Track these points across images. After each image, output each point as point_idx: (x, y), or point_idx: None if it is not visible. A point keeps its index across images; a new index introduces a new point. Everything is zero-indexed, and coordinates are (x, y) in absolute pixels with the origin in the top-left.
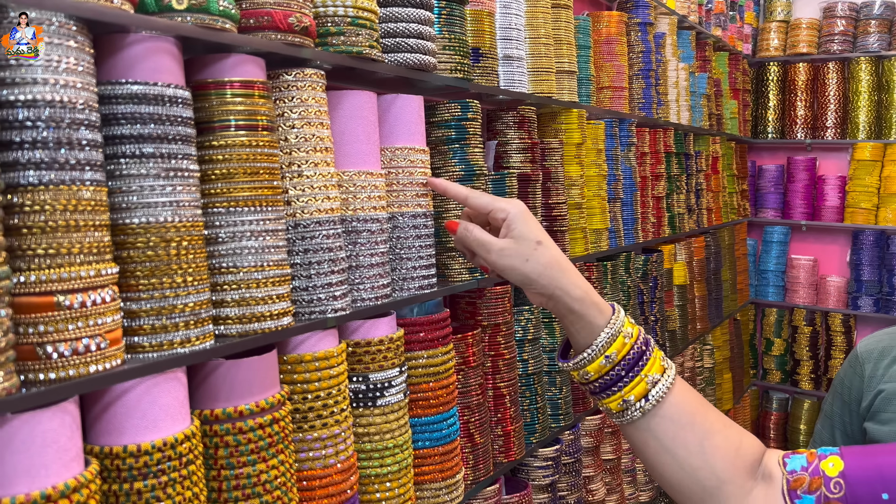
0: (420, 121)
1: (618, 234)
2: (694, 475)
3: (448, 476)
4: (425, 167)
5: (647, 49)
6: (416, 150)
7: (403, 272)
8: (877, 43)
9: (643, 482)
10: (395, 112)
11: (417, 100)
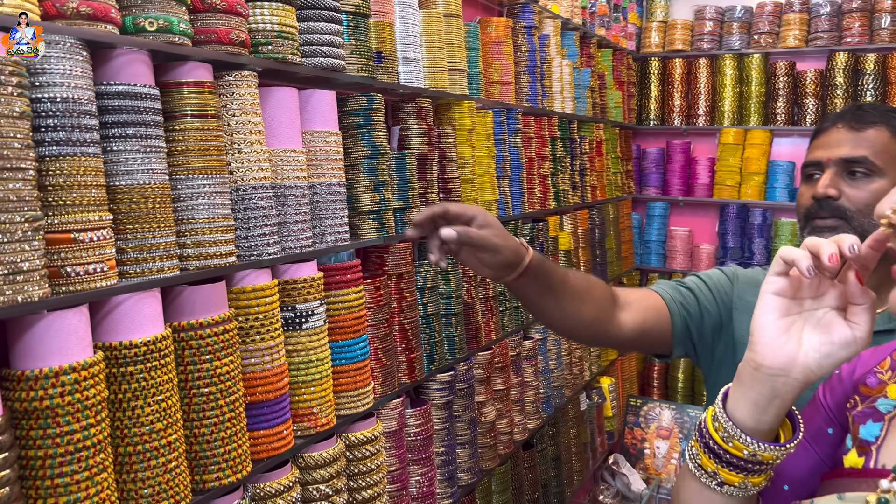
0: (333, 110)
1: (507, 206)
2: None
3: (360, 387)
4: (338, 147)
5: (532, 49)
6: (331, 133)
7: (322, 228)
8: (738, 42)
9: (531, 412)
10: (313, 103)
11: (330, 94)
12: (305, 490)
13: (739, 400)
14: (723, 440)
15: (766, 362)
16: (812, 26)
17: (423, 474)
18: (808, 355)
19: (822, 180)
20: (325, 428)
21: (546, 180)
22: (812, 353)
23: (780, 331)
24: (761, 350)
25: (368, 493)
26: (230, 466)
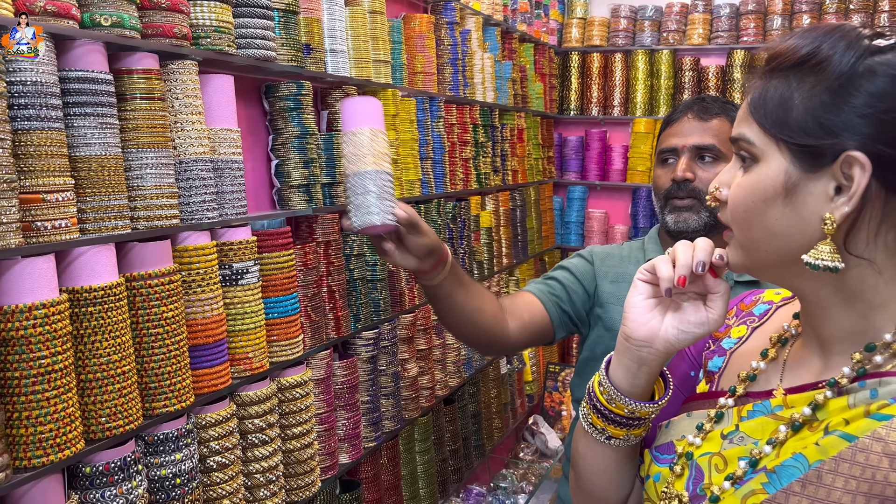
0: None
1: (430, 185)
2: None
3: (291, 338)
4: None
5: (454, 43)
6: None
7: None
8: (649, 39)
9: (453, 371)
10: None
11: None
12: (242, 424)
13: (616, 367)
14: (607, 402)
15: (633, 335)
16: (714, 26)
17: (349, 419)
18: (667, 331)
19: (679, 164)
20: (258, 371)
21: (468, 163)
22: (671, 330)
23: (646, 310)
24: (630, 325)
25: (299, 430)
26: (175, 396)
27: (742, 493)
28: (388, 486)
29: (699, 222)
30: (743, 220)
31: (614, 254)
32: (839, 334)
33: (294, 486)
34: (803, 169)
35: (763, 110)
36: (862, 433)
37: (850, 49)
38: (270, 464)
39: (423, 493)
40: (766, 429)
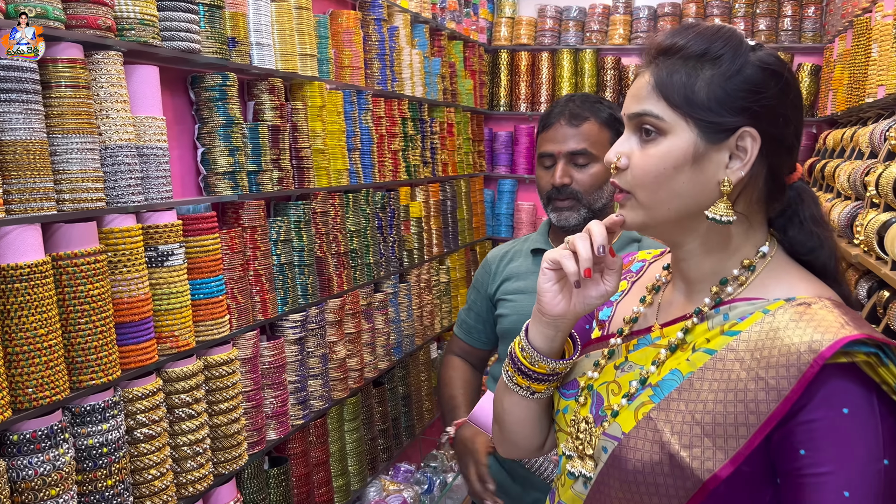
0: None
1: (358, 175)
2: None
3: (217, 318)
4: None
5: (382, 39)
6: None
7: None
8: (573, 38)
9: (382, 354)
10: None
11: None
12: (170, 398)
13: (535, 335)
14: (531, 364)
15: (547, 312)
16: (633, 27)
17: (276, 397)
18: (575, 306)
19: (557, 171)
20: (184, 348)
21: (397, 155)
22: (578, 305)
23: (556, 293)
24: (544, 305)
25: (225, 406)
26: (102, 370)
27: (635, 406)
28: (316, 462)
29: (579, 219)
30: (652, 183)
31: (508, 252)
32: (702, 276)
33: (221, 459)
34: (708, 141)
35: (670, 90)
36: (719, 347)
37: (739, 48)
38: (197, 437)
39: (353, 469)
40: (649, 356)
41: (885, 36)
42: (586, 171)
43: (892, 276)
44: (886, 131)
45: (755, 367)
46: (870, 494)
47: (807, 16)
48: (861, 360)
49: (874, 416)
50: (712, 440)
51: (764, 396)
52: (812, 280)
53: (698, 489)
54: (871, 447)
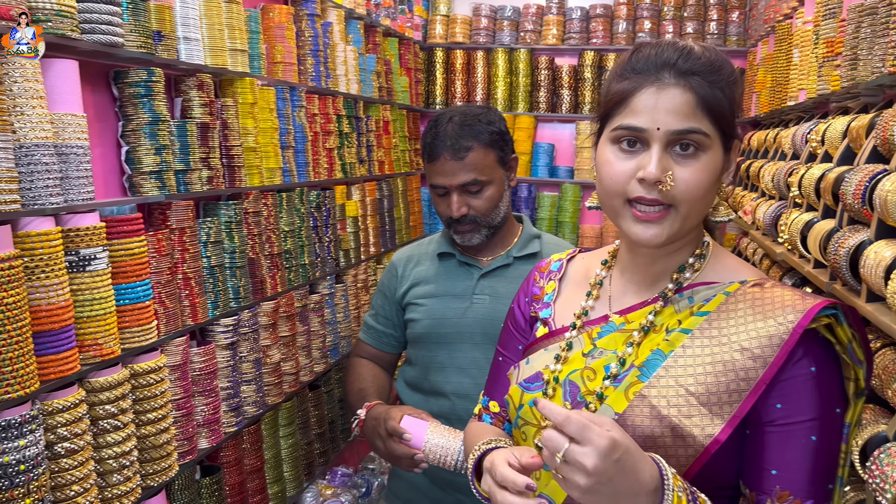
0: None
1: (291, 173)
2: None
3: (144, 324)
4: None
5: (315, 34)
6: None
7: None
8: (508, 38)
9: (318, 357)
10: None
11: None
12: (93, 409)
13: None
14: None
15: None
16: (567, 27)
17: (208, 404)
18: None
19: (453, 204)
20: (109, 356)
21: (332, 153)
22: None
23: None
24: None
25: (153, 416)
26: (18, 382)
27: (623, 388)
28: (250, 469)
29: (482, 237)
30: (697, 196)
31: (413, 255)
32: (660, 269)
33: (150, 471)
34: (725, 153)
35: (714, 108)
36: (693, 326)
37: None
38: (124, 449)
39: (288, 475)
40: (618, 340)
41: (805, 41)
42: (481, 197)
43: (814, 273)
44: (808, 134)
45: (737, 341)
46: (830, 438)
47: (731, 20)
48: (823, 324)
49: (832, 372)
50: (708, 408)
51: (752, 364)
52: (744, 263)
53: (701, 453)
54: (830, 398)
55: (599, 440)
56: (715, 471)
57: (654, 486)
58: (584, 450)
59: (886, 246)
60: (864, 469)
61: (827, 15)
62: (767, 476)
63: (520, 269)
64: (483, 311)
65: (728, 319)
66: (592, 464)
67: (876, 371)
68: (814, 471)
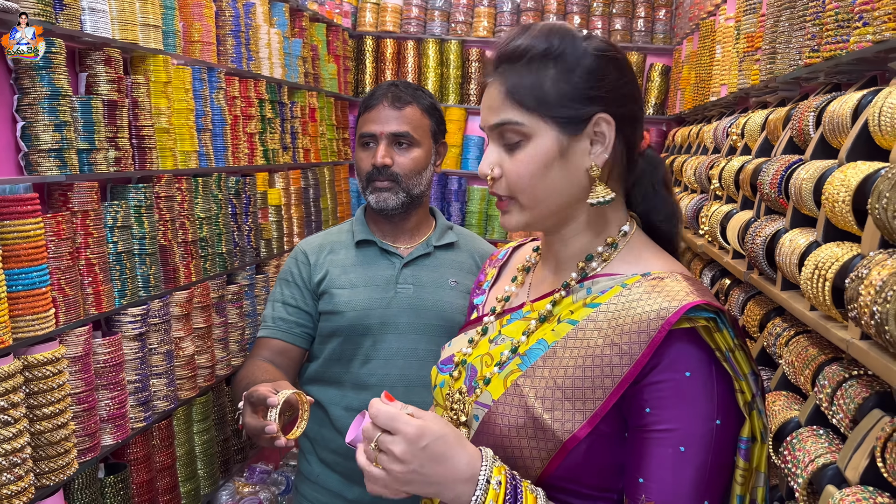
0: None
1: (208, 158)
2: None
3: (39, 312)
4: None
5: (236, 14)
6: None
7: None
8: (439, 28)
9: (236, 350)
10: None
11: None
12: None
13: None
14: None
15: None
16: (498, 20)
17: (113, 398)
18: None
19: (378, 151)
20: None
21: (253, 139)
22: None
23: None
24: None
25: (50, 410)
26: None
27: (504, 374)
28: (161, 467)
29: (397, 202)
30: (528, 186)
31: (325, 244)
32: (572, 255)
33: (45, 470)
34: (568, 134)
35: (523, 96)
36: (581, 318)
37: (574, 41)
38: (15, 446)
39: (203, 473)
40: (520, 328)
41: (727, 38)
42: (407, 155)
43: (733, 264)
44: (728, 128)
45: (611, 335)
46: (702, 451)
47: (658, 18)
48: (701, 326)
49: (711, 380)
50: (572, 403)
51: (618, 361)
52: (667, 258)
53: (559, 449)
54: (706, 408)
55: (406, 427)
56: (578, 467)
57: (471, 474)
58: (393, 438)
59: (801, 234)
60: (777, 455)
61: (748, 10)
62: (636, 483)
63: (440, 259)
64: (407, 300)
65: (609, 311)
66: (400, 450)
67: (789, 358)
68: (681, 484)
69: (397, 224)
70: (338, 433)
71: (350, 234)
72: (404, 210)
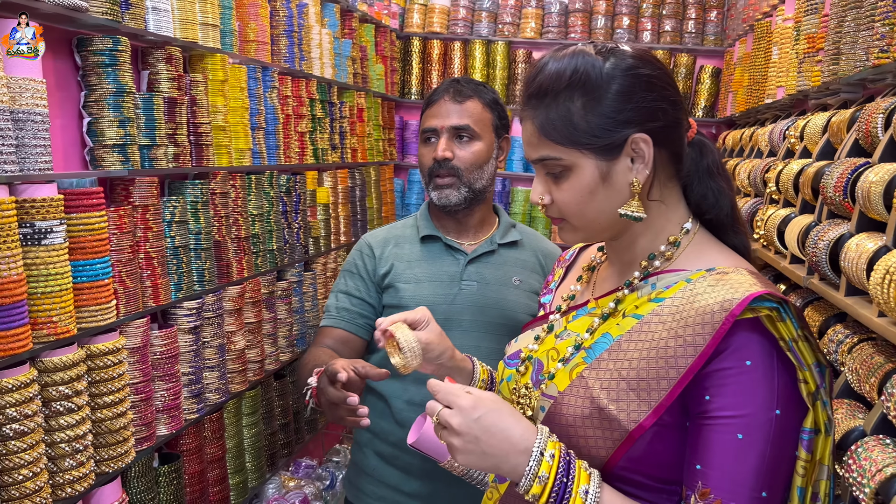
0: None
1: (261, 155)
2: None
3: (102, 303)
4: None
5: (290, 15)
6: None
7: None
8: (486, 29)
9: (284, 345)
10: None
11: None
12: (46, 390)
13: None
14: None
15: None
16: (545, 21)
17: (168, 389)
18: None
19: (439, 144)
20: (64, 336)
21: (304, 137)
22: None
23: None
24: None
25: (110, 399)
26: None
27: (570, 367)
28: (211, 458)
29: (459, 197)
30: (577, 211)
31: (390, 238)
32: (637, 254)
33: (105, 457)
34: (607, 159)
35: (555, 133)
36: (646, 312)
37: (594, 65)
38: (77, 433)
39: (250, 466)
40: (584, 324)
41: (784, 39)
42: (468, 149)
43: (790, 269)
44: (786, 130)
45: (675, 327)
46: (761, 440)
47: (709, 19)
48: (764, 315)
49: (772, 370)
50: (636, 394)
51: (682, 352)
52: (731, 254)
53: (625, 438)
54: (766, 397)
55: (460, 400)
56: (642, 458)
57: (526, 447)
58: (451, 411)
59: (868, 238)
60: (841, 464)
61: (809, 11)
62: (693, 470)
63: (504, 257)
64: (472, 297)
65: (674, 304)
66: (457, 422)
67: (853, 365)
68: (739, 471)
69: (461, 220)
70: (398, 426)
71: (415, 228)
72: (467, 206)
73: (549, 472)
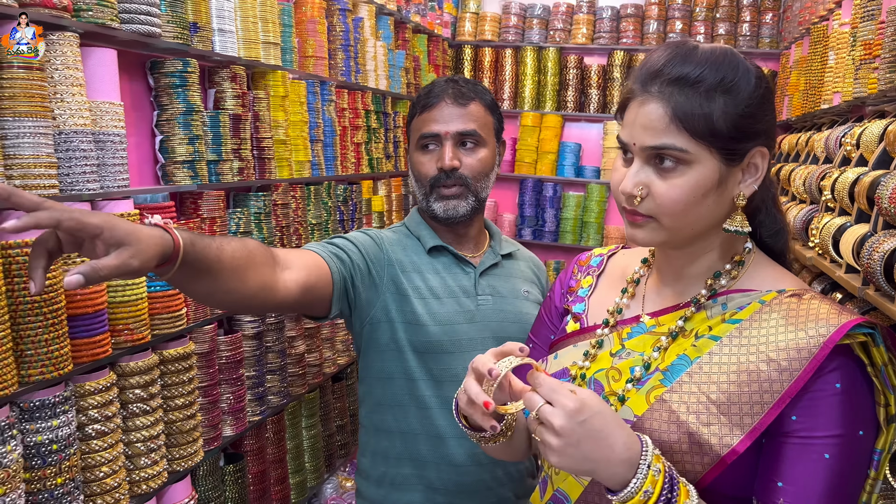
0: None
1: (320, 167)
2: None
3: (173, 311)
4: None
5: (346, 29)
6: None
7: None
8: (537, 36)
9: (341, 349)
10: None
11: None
12: (123, 394)
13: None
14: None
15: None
16: (597, 27)
17: (233, 392)
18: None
19: (445, 152)
20: (140, 342)
21: (360, 148)
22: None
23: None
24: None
25: (181, 402)
26: (53, 364)
27: (645, 391)
28: (272, 459)
29: (467, 208)
30: (680, 211)
31: (396, 239)
32: (699, 271)
33: (176, 456)
34: (728, 165)
35: (693, 124)
36: (723, 334)
37: (747, 73)
38: (152, 433)
39: (309, 466)
40: (647, 343)
41: (841, 44)
42: (474, 156)
43: (846, 278)
44: (842, 137)
45: (765, 351)
46: (844, 460)
47: (764, 22)
48: (858, 341)
49: (858, 393)
50: (728, 418)
51: (777, 377)
52: (785, 272)
53: (716, 463)
54: (853, 419)
55: (566, 401)
56: (731, 482)
57: (628, 456)
58: (554, 410)
59: None
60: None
61: (865, 17)
62: (774, 488)
63: (508, 268)
64: (490, 312)
65: (759, 328)
66: (560, 423)
67: None
68: (823, 490)
69: (461, 232)
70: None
71: (413, 238)
72: (472, 216)
73: (655, 488)
